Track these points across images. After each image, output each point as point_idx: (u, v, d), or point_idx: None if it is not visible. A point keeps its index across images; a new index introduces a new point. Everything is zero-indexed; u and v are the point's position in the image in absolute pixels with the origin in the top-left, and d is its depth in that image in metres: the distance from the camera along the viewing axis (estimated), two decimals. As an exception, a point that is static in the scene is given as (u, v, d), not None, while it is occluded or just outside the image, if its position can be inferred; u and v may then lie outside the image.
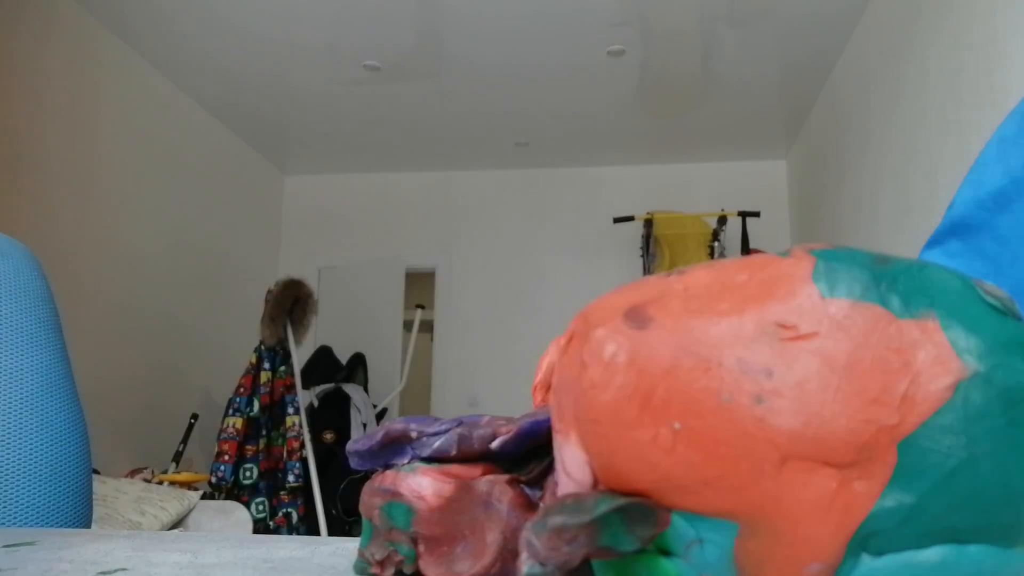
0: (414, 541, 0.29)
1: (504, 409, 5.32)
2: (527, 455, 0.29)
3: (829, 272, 0.20)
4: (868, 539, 0.19)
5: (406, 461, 0.30)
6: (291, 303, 4.08)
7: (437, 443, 0.29)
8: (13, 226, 3.23)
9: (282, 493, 4.01)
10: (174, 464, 3.90)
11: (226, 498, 3.72)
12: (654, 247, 4.79)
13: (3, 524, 0.65)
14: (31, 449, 0.67)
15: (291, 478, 3.99)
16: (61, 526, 0.67)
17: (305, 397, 4.38)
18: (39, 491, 0.67)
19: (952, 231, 0.63)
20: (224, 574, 0.34)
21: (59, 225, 3.56)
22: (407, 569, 0.29)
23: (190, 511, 3.10)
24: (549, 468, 0.28)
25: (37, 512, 0.66)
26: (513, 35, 3.88)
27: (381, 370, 5.04)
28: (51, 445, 0.69)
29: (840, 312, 0.20)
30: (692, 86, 4.34)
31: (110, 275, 3.90)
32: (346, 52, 4.07)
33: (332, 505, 4.21)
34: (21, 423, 0.67)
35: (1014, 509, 0.19)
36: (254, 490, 3.90)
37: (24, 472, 0.66)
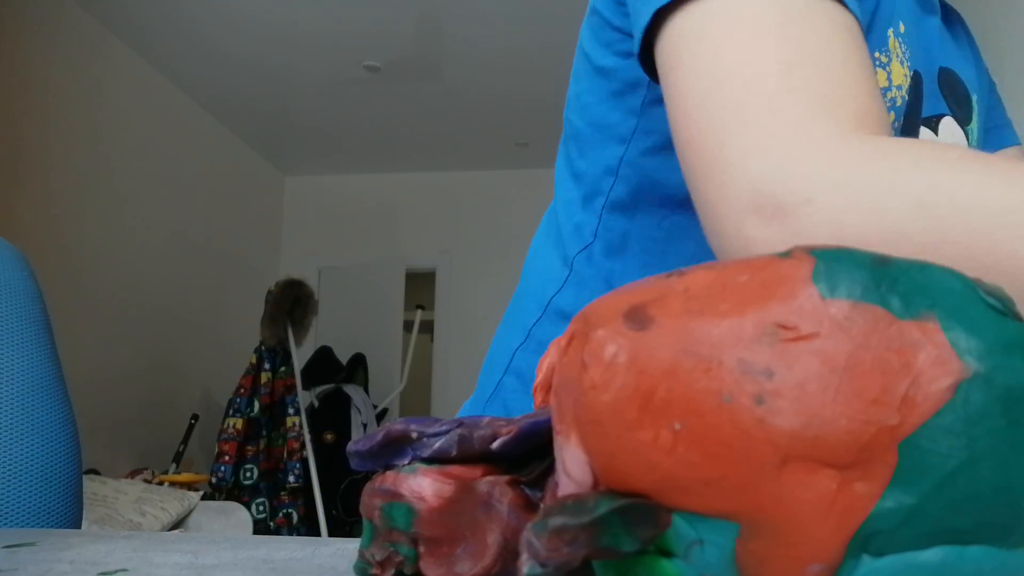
0: (415, 542, 0.29)
1: (504, 409, 5.30)
2: (528, 456, 0.29)
3: (829, 273, 0.20)
4: (869, 540, 0.19)
5: (406, 462, 0.30)
6: (291, 304, 4.09)
7: (437, 444, 0.29)
8: (14, 225, 3.23)
9: (282, 494, 4.01)
10: (174, 465, 3.90)
11: (226, 499, 3.72)
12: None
13: (-1, 525, 0.64)
14: (21, 450, 0.67)
15: (291, 479, 3.99)
16: (51, 527, 0.67)
17: (305, 398, 4.38)
18: (29, 493, 0.66)
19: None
20: (224, 575, 0.34)
21: (60, 225, 3.56)
22: (408, 570, 0.29)
23: (190, 512, 3.10)
24: (550, 469, 0.28)
25: (27, 514, 0.65)
26: (513, 34, 3.88)
27: (381, 371, 5.03)
28: (41, 446, 0.68)
29: (840, 313, 0.20)
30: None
31: (111, 275, 3.90)
32: (346, 52, 4.07)
33: (333, 506, 4.21)
34: (10, 424, 0.67)
35: (1015, 510, 0.19)
36: (254, 491, 3.90)
37: (13, 473, 0.66)
